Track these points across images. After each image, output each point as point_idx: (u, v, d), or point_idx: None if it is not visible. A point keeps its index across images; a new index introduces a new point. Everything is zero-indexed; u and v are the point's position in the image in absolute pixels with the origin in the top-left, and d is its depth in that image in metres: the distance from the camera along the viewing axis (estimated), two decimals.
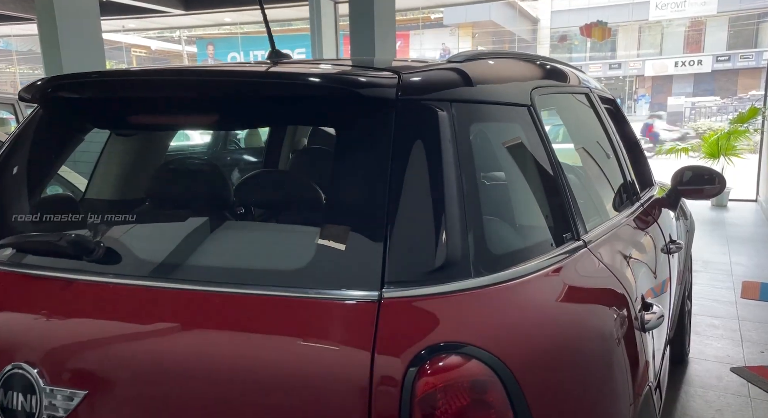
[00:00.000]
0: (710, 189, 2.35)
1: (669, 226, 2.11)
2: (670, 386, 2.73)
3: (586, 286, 1.08)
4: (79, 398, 0.83)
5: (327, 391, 0.77)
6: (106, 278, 0.92)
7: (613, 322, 1.06)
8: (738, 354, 3.09)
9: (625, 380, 1.02)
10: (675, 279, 2.06)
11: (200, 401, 0.80)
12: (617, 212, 1.63)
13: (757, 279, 4.34)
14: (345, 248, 0.88)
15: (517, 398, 0.78)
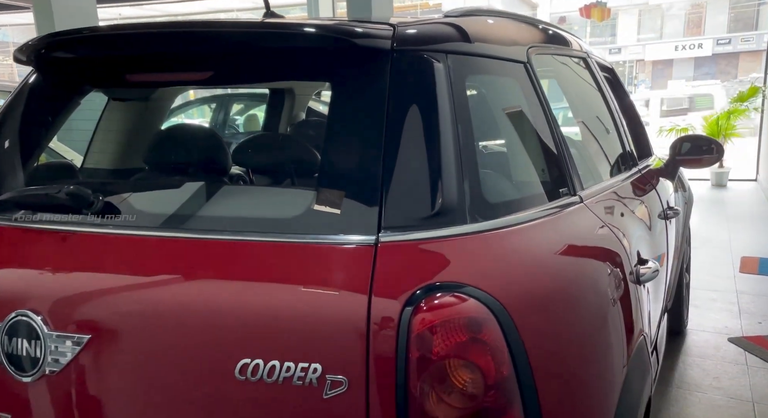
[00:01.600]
0: (709, 158, 2.36)
1: (666, 194, 2.11)
2: (669, 355, 2.75)
3: (581, 236, 1.08)
4: (83, 343, 0.84)
5: (326, 333, 0.78)
6: (106, 229, 0.92)
7: (608, 271, 1.07)
8: (736, 325, 3.11)
9: (619, 327, 1.03)
10: (672, 246, 2.07)
11: (201, 345, 0.81)
12: (615, 176, 1.64)
13: (756, 255, 4.36)
14: (342, 196, 0.88)
15: (514, 337, 0.79)
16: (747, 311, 3.35)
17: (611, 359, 0.97)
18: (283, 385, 0.78)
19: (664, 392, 2.41)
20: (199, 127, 1.71)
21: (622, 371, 0.99)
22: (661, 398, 2.37)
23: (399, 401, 0.76)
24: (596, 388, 0.91)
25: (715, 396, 2.38)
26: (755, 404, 2.31)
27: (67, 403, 0.86)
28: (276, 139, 1.82)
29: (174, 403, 0.82)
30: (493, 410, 0.77)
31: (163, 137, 1.47)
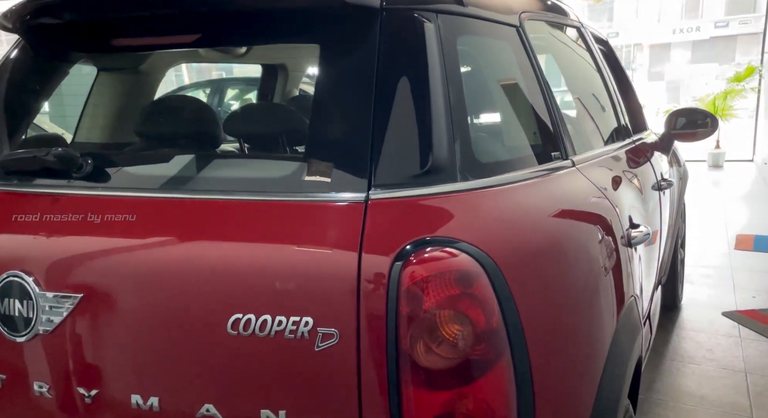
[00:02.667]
0: (703, 132, 2.35)
1: (661, 167, 2.12)
2: (663, 330, 2.78)
3: (572, 197, 1.09)
4: (75, 302, 0.85)
5: (317, 288, 0.78)
6: (96, 191, 0.92)
7: (598, 231, 1.07)
8: (730, 300, 3.14)
9: (608, 286, 1.03)
10: (666, 218, 2.08)
11: (193, 302, 0.82)
12: (608, 145, 1.64)
13: (751, 233, 4.38)
14: (333, 154, 0.88)
15: (503, 291, 0.79)
16: (741, 287, 3.37)
17: (600, 317, 0.98)
18: (275, 338, 0.78)
19: (658, 365, 2.44)
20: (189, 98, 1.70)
21: (611, 328, 1.00)
22: (654, 370, 2.39)
23: (389, 352, 0.76)
24: (584, 344, 0.92)
25: (708, 367, 2.41)
26: (748, 374, 2.34)
27: (61, 362, 0.86)
28: (266, 108, 1.81)
29: (167, 359, 0.82)
30: (482, 361, 0.77)
31: (154, 109, 1.46)
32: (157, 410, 0.83)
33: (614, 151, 1.61)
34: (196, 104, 1.42)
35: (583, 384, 0.89)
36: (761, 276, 3.60)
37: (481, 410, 0.77)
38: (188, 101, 1.49)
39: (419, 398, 0.77)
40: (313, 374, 0.78)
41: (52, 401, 0.88)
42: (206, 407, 0.81)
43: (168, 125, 1.25)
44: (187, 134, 1.23)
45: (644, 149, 2.01)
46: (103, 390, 0.85)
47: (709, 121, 2.34)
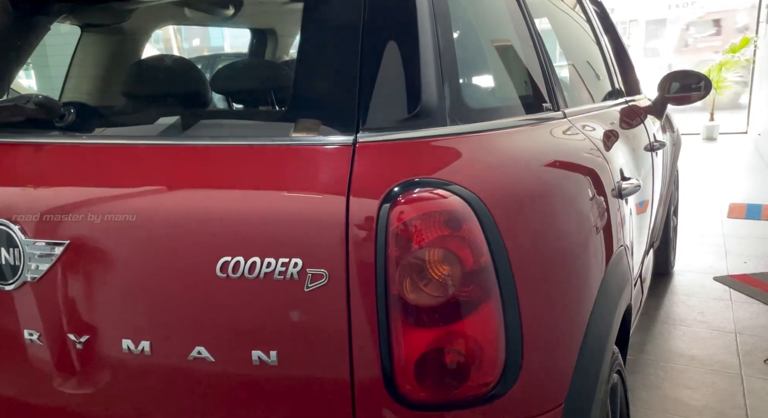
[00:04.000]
0: (697, 95, 2.34)
1: (653, 129, 2.11)
2: (655, 294, 2.81)
3: (563, 146, 1.08)
4: (62, 249, 0.84)
5: (305, 230, 0.78)
6: (80, 139, 0.91)
7: (589, 180, 1.07)
8: (722, 266, 3.17)
9: (598, 233, 1.03)
10: (659, 180, 2.08)
11: (181, 246, 0.81)
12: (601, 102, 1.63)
13: (744, 202, 4.40)
14: (320, 98, 0.87)
15: (493, 234, 0.79)
16: (733, 253, 3.40)
17: (588, 262, 0.98)
18: (264, 280, 0.78)
19: (650, 328, 2.47)
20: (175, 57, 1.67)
21: (599, 274, 1.00)
22: (646, 333, 2.42)
23: (379, 292, 0.76)
24: (573, 287, 0.92)
25: (698, 329, 2.44)
26: (737, 334, 2.37)
27: (51, 309, 0.86)
28: (253, 64, 1.79)
29: (157, 303, 0.82)
30: (471, 300, 0.78)
31: (140, 69, 1.43)
32: (149, 353, 0.83)
33: (607, 108, 1.60)
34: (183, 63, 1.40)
35: (571, 326, 0.90)
36: (753, 242, 3.63)
37: (469, 348, 0.78)
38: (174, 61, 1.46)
39: (408, 335, 0.77)
40: (303, 315, 0.78)
41: (44, 348, 0.88)
42: (197, 349, 0.81)
43: (155, 85, 1.23)
44: (175, 93, 1.21)
45: (637, 111, 2.00)
46: (93, 336, 0.85)
47: (702, 83, 2.33)
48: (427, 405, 0.78)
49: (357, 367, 0.78)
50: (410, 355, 0.77)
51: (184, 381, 0.83)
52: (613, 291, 1.04)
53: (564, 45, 1.73)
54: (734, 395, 1.92)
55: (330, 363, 0.78)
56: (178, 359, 0.82)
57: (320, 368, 0.79)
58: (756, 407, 1.85)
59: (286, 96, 1.07)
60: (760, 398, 1.90)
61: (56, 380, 0.89)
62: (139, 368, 0.84)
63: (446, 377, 0.78)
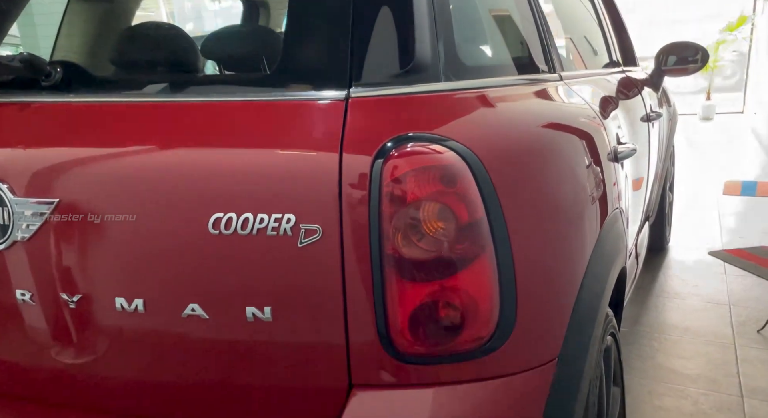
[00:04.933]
0: (694, 67, 2.33)
1: (650, 101, 2.10)
2: (650, 269, 2.82)
3: (559, 107, 1.07)
4: (52, 207, 0.83)
5: (298, 186, 0.77)
6: (68, 98, 0.89)
7: (584, 140, 1.06)
8: (717, 241, 3.19)
9: (593, 194, 1.03)
10: (655, 150, 2.08)
11: (172, 203, 0.80)
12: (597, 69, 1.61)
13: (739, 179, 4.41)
14: (312, 52, 0.85)
15: (488, 190, 0.78)
16: (728, 229, 3.42)
17: (583, 221, 0.97)
18: (257, 236, 0.77)
19: (645, 301, 2.49)
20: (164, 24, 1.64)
21: (593, 234, 1.00)
22: (641, 306, 2.44)
23: (373, 246, 0.76)
24: (567, 245, 0.91)
25: (693, 302, 2.46)
26: (731, 306, 2.39)
27: (42, 268, 0.86)
28: (244, 29, 1.76)
29: (149, 261, 0.81)
30: (465, 255, 0.77)
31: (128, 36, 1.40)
32: (142, 311, 0.82)
33: (603, 75, 1.59)
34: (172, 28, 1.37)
35: (565, 283, 0.89)
36: (747, 218, 3.65)
37: (464, 302, 0.78)
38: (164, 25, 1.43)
39: (402, 290, 0.77)
40: (297, 271, 0.78)
41: (36, 308, 0.87)
42: (191, 307, 0.81)
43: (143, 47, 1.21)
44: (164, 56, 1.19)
45: (634, 82, 1.99)
46: (86, 295, 0.84)
47: (699, 56, 2.31)
48: (422, 359, 0.78)
49: (351, 322, 0.78)
50: (404, 309, 0.77)
51: (179, 339, 0.83)
52: (607, 251, 1.04)
53: (561, 14, 1.71)
54: (727, 364, 1.94)
55: (325, 318, 0.78)
56: (172, 316, 0.82)
57: (315, 323, 0.79)
58: (749, 374, 1.87)
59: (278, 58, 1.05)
60: (752, 365, 1.92)
61: (49, 340, 0.88)
62: (133, 326, 0.84)
63: (440, 331, 0.78)
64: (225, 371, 0.83)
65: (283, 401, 0.83)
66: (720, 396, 1.76)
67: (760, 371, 1.89)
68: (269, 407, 0.83)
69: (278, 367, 0.81)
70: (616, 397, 1.25)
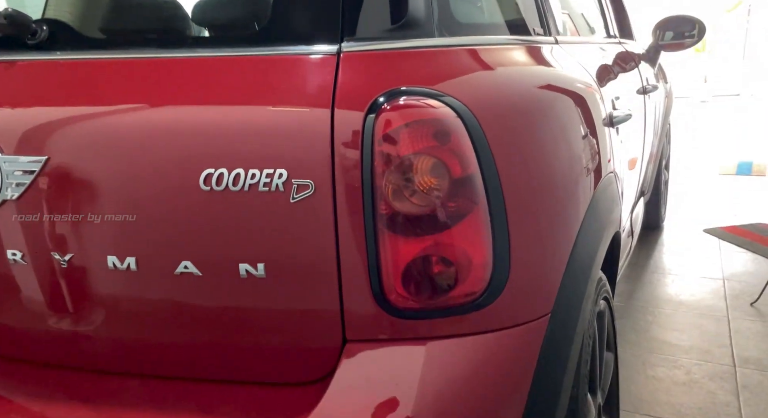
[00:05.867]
0: (691, 41, 2.32)
1: (647, 74, 2.09)
2: (645, 247, 2.84)
3: (556, 69, 1.06)
4: (41, 165, 0.82)
5: (289, 141, 0.76)
6: (55, 55, 0.88)
7: (581, 102, 1.05)
8: (712, 219, 3.20)
9: (587, 156, 1.02)
10: (651, 124, 2.07)
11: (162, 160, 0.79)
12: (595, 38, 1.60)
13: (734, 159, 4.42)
14: (302, 7, 0.84)
15: (482, 145, 0.78)
16: (723, 207, 3.43)
17: (576, 182, 0.97)
18: (249, 192, 0.77)
19: (640, 277, 2.50)
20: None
21: (587, 195, 0.99)
22: (636, 281, 2.45)
23: (365, 202, 0.75)
24: (560, 204, 0.91)
25: (687, 277, 2.47)
26: (725, 281, 2.40)
27: (33, 228, 0.85)
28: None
29: (141, 219, 0.81)
30: (458, 209, 0.77)
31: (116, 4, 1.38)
32: (135, 269, 0.82)
33: (600, 45, 1.58)
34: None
35: (559, 240, 0.89)
36: (742, 197, 3.67)
37: (456, 257, 0.78)
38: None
39: (395, 245, 0.77)
40: (290, 226, 0.77)
41: (28, 268, 0.87)
42: (184, 264, 0.80)
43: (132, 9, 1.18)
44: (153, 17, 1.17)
45: (630, 55, 1.97)
46: (78, 254, 0.84)
47: (696, 30, 2.30)
48: (415, 313, 0.78)
49: (345, 277, 0.78)
50: (397, 264, 0.77)
51: (172, 297, 0.83)
52: (601, 212, 1.04)
53: None
54: (721, 336, 1.96)
55: (318, 274, 0.78)
56: (165, 274, 0.81)
57: (308, 279, 0.78)
58: (741, 345, 1.89)
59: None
60: (745, 337, 1.94)
61: (41, 300, 0.88)
62: (126, 285, 0.84)
63: (434, 286, 0.78)
64: (219, 329, 0.83)
65: (277, 357, 0.83)
66: (713, 366, 1.78)
67: (753, 341, 1.91)
68: (263, 364, 0.84)
69: (272, 323, 0.81)
70: (609, 363, 1.26)
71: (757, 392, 1.64)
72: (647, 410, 1.58)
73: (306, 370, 0.82)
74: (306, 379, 0.82)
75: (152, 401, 0.85)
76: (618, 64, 1.65)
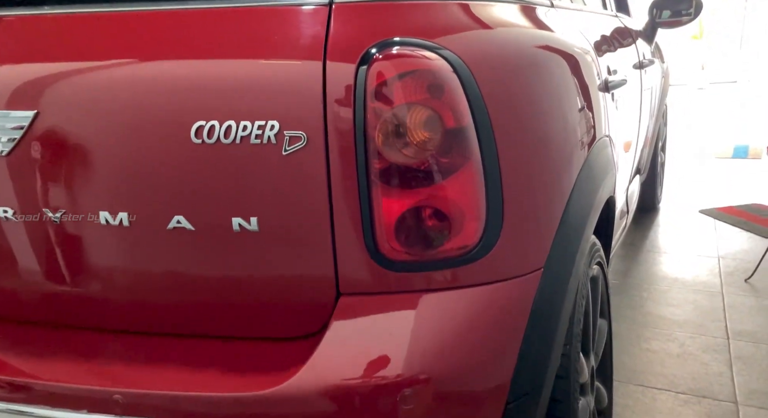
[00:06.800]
0: (687, 19, 2.31)
1: (642, 50, 2.08)
2: (641, 227, 2.84)
3: (552, 30, 1.05)
4: (30, 119, 0.81)
5: (281, 93, 0.75)
6: (42, 11, 0.86)
7: (576, 63, 1.05)
8: (707, 200, 3.20)
9: (581, 117, 1.02)
10: (647, 100, 2.07)
11: (153, 112, 0.79)
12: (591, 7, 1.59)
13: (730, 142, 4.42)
14: None
15: (476, 98, 0.77)
16: (719, 189, 3.44)
17: (570, 141, 0.96)
18: (241, 144, 0.76)
19: (635, 256, 2.51)
20: None
21: (581, 156, 0.99)
22: (631, 260, 2.46)
23: (358, 153, 0.75)
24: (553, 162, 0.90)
25: (682, 256, 2.48)
26: (720, 259, 2.41)
27: (23, 184, 0.84)
28: None
29: (132, 173, 0.80)
30: (452, 162, 0.77)
31: None
32: (127, 225, 0.82)
33: (596, 14, 1.57)
34: None
35: (552, 196, 0.89)
36: (738, 178, 3.67)
37: (449, 209, 0.77)
38: None
39: (387, 197, 0.76)
40: (282, 179, 0.77)
41: (19, 226, 0.86)
42: (176, 218, 0.80)
43: None
44: None
45: (627, 29, 1.96)
46: (69, 210, 0.84)
47: (693, 8, 2.29)
48: (408, 266, 0.78)
49: (338, 230, 0.77)
50: (390, 216, 0.77)
51: (166, 252, 0.82)
52: (595, 173, 1.04)
53: None
54: (715, 310, 1.97)
55: (311, 227, 0.78)
56: (158, 229, 0.81)
57: (301, 232, 0.78)
58: (735, 319, 1.90)
59: None
60: (739, 311, 1.95)
61: (33, 257, 0.88)
62: (119, 240, 0.83)
63: (426, 239, 0.78)
64: (213, 284, 0.83)
65: (271, 312, 0.83)
66: (706, 339, 1.79)
67: (747, 316, 1.92)
68: (257, 319, 0.84)
69: (266, 278, 0.81)
70: (603, 329, 1.27)
71: (750, 362, 1.65)
72: (641, 380, 1.59)
73: (300, 324, 0.82)
74: (300, 333, 0.82)
75: (147, 357, 0.86)
76: (614, 37, 1.64)
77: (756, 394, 1.50)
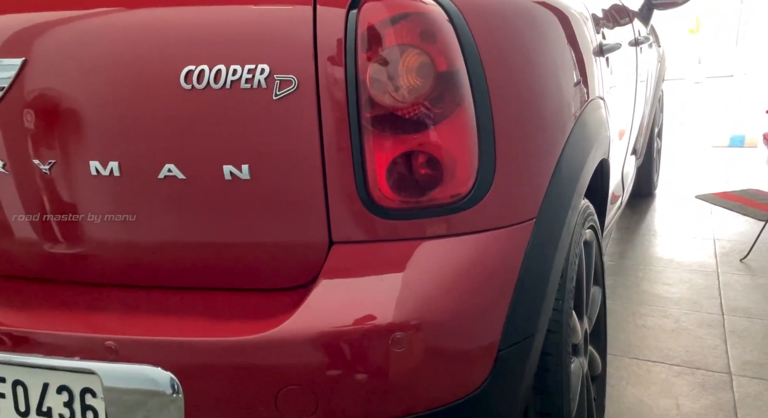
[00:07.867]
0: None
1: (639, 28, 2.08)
2: (638, 212, 2.85)
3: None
4: (17, 67, 0.80)
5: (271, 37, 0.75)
6: None
7: (571, 25, 1.04)
8: (703, 187, 3.21)
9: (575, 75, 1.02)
10: (643, 81, 2.06)
11: (142, 56, 0.78)
12: None
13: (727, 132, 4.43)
14: None
15: (468, 44, 0.76)
16: (715, 176, 3.45)
17: (564, 94, 0.96)
18: (231, 89, 0.76)
19: (631, 239, 2.51)
20: None
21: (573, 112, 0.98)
22: (627, 243, 2.46)
23: (350, 98, 0.75)
24: (546, 115, 0.90)
25: (678, 238, 2.48)
26: (716, 240, 2.42)
27: (12, 134, 0.83)
28: None
29: (121, 121, 0.80)
30: (444, 108, 0.76)
31: None
32: (118, 174, 0.81)
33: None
34: None
35: (544, 147, 0.88)
36: (734, 166, 3.68)
37: (441, 155, 0.77)
38: None
39: (379, 143, 0.76)
40: (273, 125, 0.76)
41: (9, 178, 0.86)
42: (167, 167, 0.80)
43: None
44: None
45: (624, 7, 1.96)
46: (59, 160, 0.83)
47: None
48: (400, 213, 0.78)
49: (330, 176, 0.77)
50: (381, 162, 0.77)
51: (157, 202, 0.82)
52: (589, 131, 1.03)
53: None
54: (710, 289, 1.97)
55: (303, 174, 0.77)
56: (149, 178, 0.81)
57: (293, 179, 0.78)
58: (730, 296, 1.90)
59: None
60: (734, 289, 1.96)
61: (23, 209, 0.87)
62: (110, 190, 0.83)
63: (418, 185, 0.78)
64: (204, 234, 0.82)
65: (263, 261, 0.82)
66: (701, 315, 1.79)
67: (742, 293, 1.92)
68: (249, 269, 0.83)
69: (258, 227, 0.81)
70: (596, 297, 1.26)
71: (744, 336, 1.65)
72: (636, 353, 1.59)
73: (293, 274, 0.81)
74: (294, 283, 0.82)
75: (140, 308, 0.85)
76: (611, 9, 1.64)
77: (750, 365, 1.51)
